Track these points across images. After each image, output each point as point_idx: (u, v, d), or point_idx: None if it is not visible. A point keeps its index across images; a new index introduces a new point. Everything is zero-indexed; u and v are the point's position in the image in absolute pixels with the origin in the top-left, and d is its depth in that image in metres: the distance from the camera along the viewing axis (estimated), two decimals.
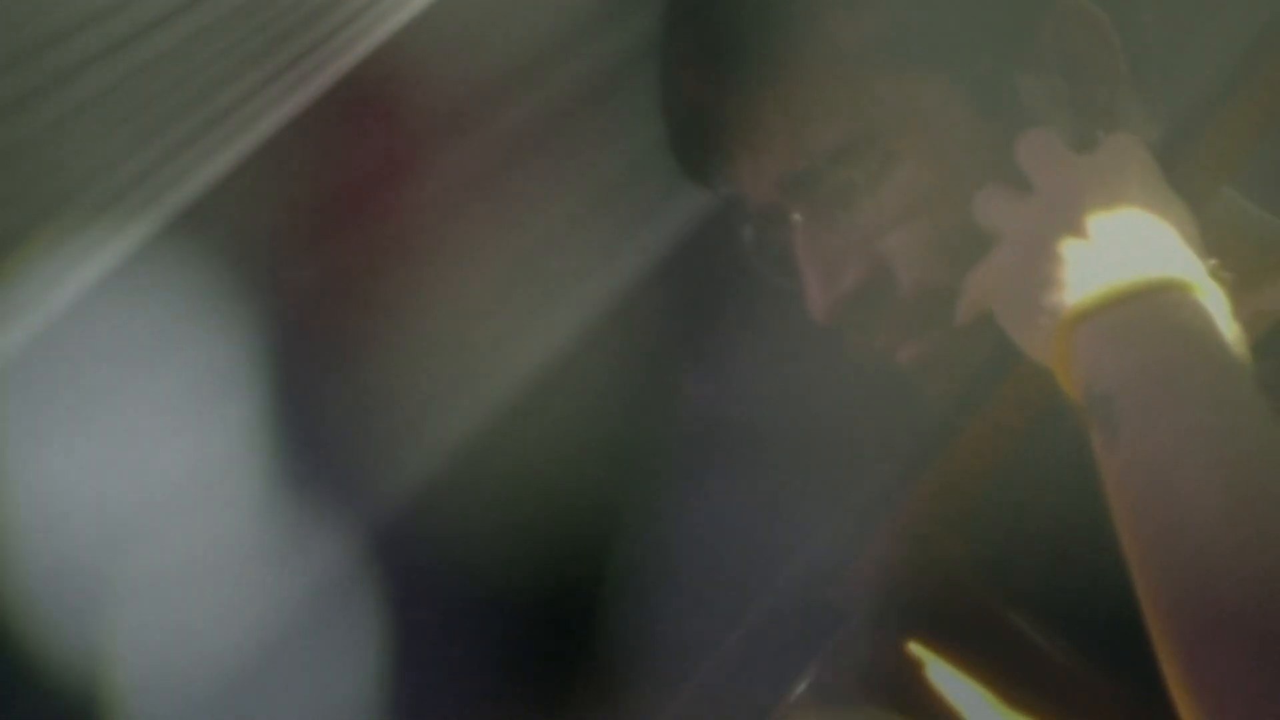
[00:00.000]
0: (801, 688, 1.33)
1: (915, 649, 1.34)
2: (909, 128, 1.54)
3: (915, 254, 1.54)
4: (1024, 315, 1.28)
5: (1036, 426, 1.44)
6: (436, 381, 3.49)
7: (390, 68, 3.30)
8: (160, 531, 3.61)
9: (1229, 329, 1.21)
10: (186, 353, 3.52)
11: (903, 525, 1.39)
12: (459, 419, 3.44)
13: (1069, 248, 1.27)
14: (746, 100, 1.58)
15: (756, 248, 1.65)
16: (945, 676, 1.34)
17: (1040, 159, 1.37)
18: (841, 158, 1.55)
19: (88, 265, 3.39)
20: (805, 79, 1.57)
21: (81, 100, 3.33)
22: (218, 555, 3.57)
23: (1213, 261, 1.25)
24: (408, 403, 3.50)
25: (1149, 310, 1.22)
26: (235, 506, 3.58)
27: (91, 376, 3.49)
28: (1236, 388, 1.18)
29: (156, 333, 3.51)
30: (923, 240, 1.53)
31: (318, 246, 3.52)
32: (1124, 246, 1.26)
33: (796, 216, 1.58)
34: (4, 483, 3.51)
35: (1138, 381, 1.19)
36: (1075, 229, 1.28)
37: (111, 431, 3.52)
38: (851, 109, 1.55)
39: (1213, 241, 1.31)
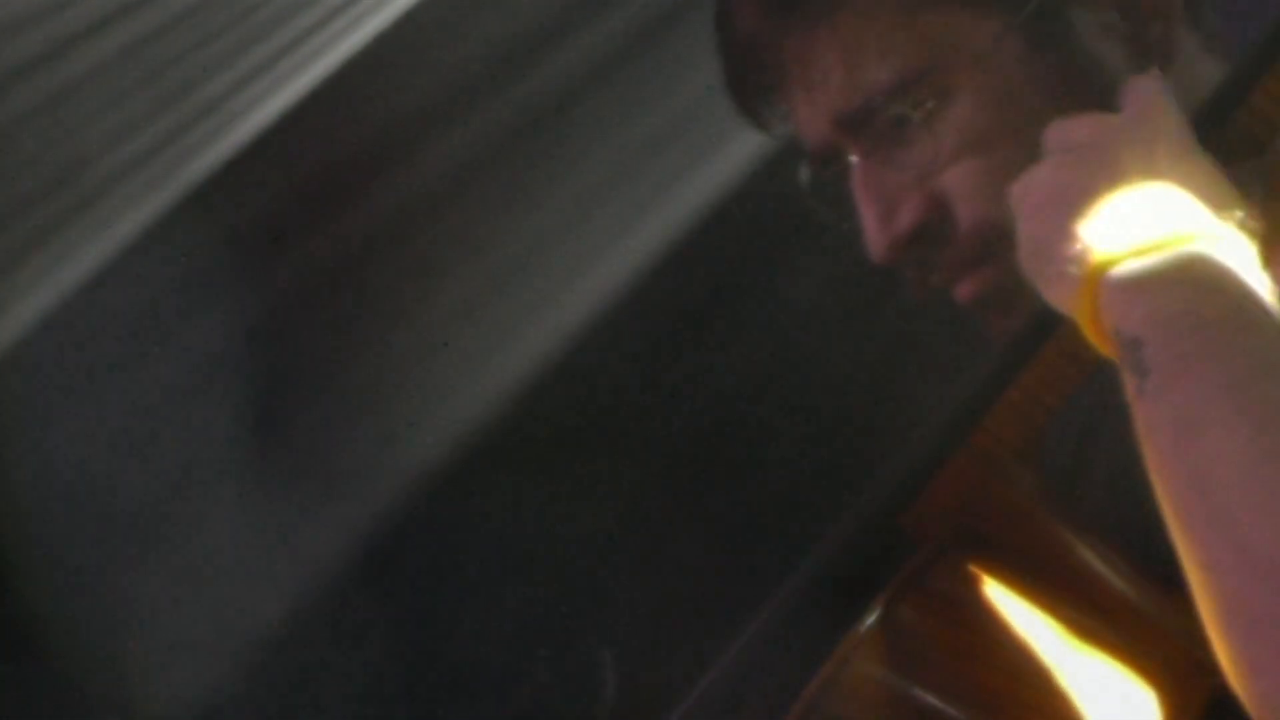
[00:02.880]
0: (872, 616, 1.32)
1: (985, 577, 1.34)
2: (964, 64, 1.52)
3: (973, 190, 1.52)
4: (1050, 269, 1.24)
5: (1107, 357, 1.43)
6: (490, 325, 3.50)
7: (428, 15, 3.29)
8: (175, 512, 3.63)
9: (1256, 279, 1.18)
10: (191, 333, 3.53)
11: (975, 453, 1.37)
12: (517, 359, 3.45)
13: (1093, 202, 1.24)
14: (802, 37, 1.57)
15: (813, 189, 1.64)
16: (1013, 605, 1.33)
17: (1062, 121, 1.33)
18: (897, 95, 1.53)
19: (93, 242, 3.40)
20: (861, 16, 1.55)
21: (79, 75, 3.33)
22: (234, 534, 3.59)
23: (1239, 214, 1.22)
24: (463, 344, 3.52)
25: (1173, 262, 1.19)
26: (248, 484, 3.60)
27: (98, 353, 3.50)
28: (1262, 337, 1.15)
29: (159, 314, 3.52)
30: (980, 176, 1.52)
31: (340, 211, 3.52)
32: (1147, 202, 1.23)
33: (854, 156, 1.57)
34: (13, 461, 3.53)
35: (1165, 328, 1.17)
36: (1098, 185, 1.25)
37: (118, 410, 3.54)
38: (906, 46, 1.53)
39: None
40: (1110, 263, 1.21)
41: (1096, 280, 1.21)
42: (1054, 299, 1.26)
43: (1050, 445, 1.42)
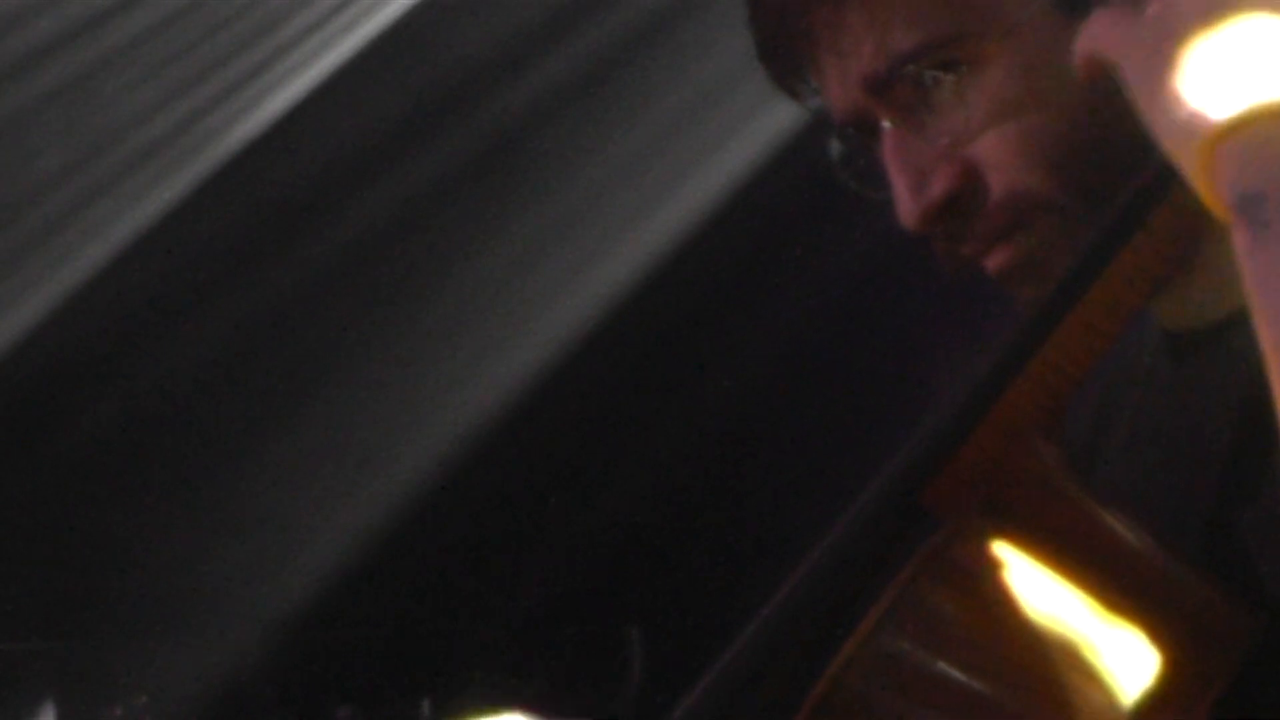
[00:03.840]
0: (895, 592, 1.31)
1: (1008, 550, 1.33)
2: (995, 31, 1.51)
3: (1005, 158, 1.50)
4: (1172, 115, 1.21)
5: (1130, 331, 1.42)
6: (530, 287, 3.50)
7: None
8: (202, 490, 3.63)
9: None
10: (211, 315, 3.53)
11: (997, 426, 1.36)
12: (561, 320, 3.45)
13: (1226, 50, 1.21)
14: (832, 5, 1.56)
15: (843, 160, 1.63)
16: (1037, 577, 1.32)
17: None
18: (927, 59, 1.52)
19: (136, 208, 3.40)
20: None
21: (129, 38, 3.33)
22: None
23: None
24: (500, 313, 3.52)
25: None
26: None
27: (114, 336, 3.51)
28: None
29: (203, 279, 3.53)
30: (1012, 144, 1.50)
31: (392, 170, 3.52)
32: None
33: (885, 124, 1.56)
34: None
35: None
36: (1232, 29, 1.21)
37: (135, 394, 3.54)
38: (937, 12, 1.52)
39: None
40: (1243, 120, 1.19)
41: (1225, 135, 1.19)
42: (1165, 142, 1.24)
43: (1070, 418, 1.41)
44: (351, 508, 3.58)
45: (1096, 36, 1.32)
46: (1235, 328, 1.35)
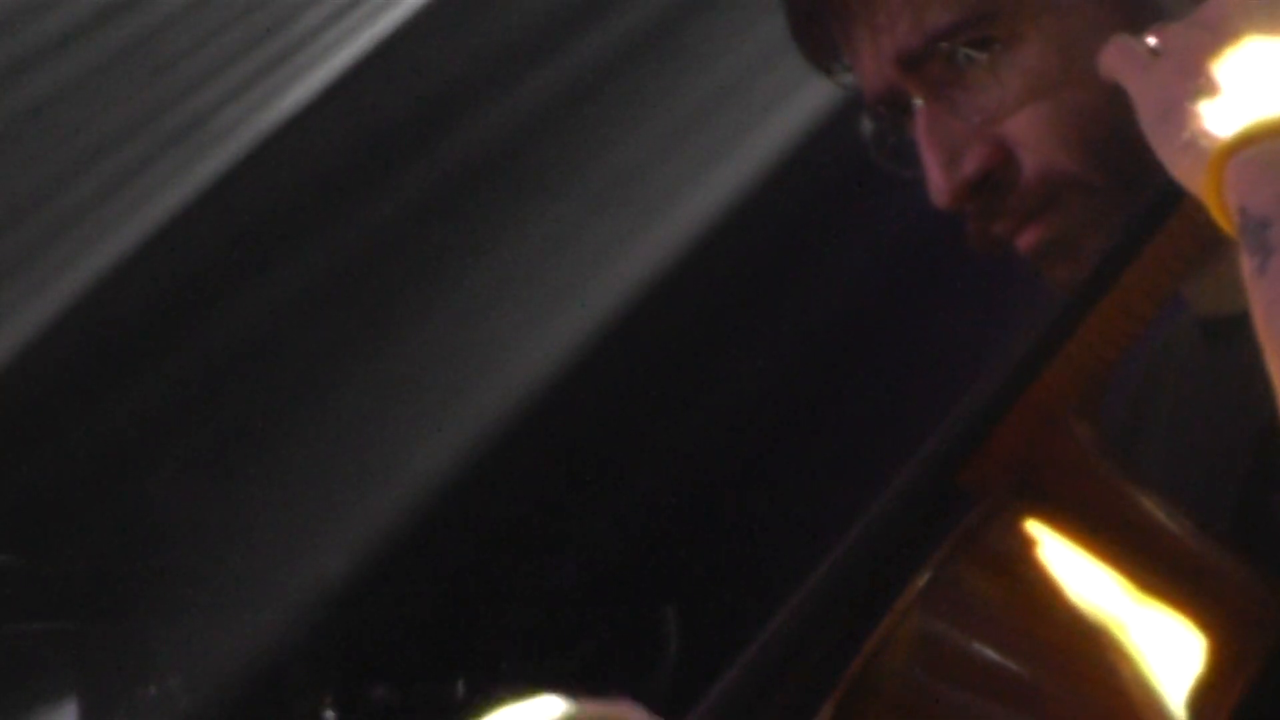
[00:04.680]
0: (930, 572, 1.32)
1: (1044, 531, 1.33)
2: (1030, 9, 1.51)
3: (1039, 136, 1.50)
4: (1178, 137, 1.24)
5: (1166, 317, 1.42)
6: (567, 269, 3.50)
7: None
8: (238, 470, 3.64)
9: None
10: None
11: (1033, 408, 1.36)
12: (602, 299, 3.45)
13: (1228, 75, 1.22)
14: None
15: (875, 139, 1.62)
16: (1072, 559, 1.32)
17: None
18: (963, 38, 1.52)
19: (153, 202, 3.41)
20: None
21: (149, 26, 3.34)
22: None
23: None
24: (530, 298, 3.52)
25: None
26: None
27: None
28: None
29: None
30: (1046, 122, 1.50)
31: (418, 161, 3.52)
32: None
33: (917, 101, 1.56)
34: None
35: None
36: (1233, 55, 1.23)
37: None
38: None
39: None
40: (1240, 142, 1.19)
41: (1227, 155, 1.20)
42: (1173, 167, 1.25)
43: (1107, 403, 1.41)
44: (386, 488, 3.59)
45: (1110, 63, 1.32)
46: None
